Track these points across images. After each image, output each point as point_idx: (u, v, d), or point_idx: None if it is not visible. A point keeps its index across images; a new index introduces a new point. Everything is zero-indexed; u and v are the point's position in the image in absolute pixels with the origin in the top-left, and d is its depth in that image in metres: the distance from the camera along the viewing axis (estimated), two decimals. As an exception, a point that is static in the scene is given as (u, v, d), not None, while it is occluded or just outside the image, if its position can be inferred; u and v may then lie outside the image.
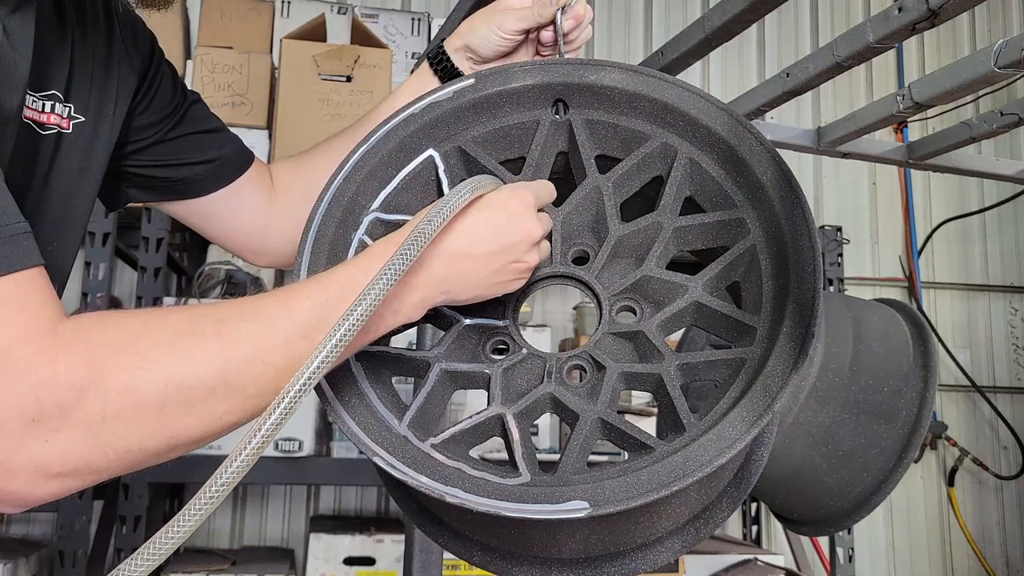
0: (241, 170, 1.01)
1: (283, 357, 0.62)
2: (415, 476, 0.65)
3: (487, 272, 0.72)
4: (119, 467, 0.59)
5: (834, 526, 1.35)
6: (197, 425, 0.60)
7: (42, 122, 0.77)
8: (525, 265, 0.74)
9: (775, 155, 0.75)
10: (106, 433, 0.56)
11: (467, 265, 0.71)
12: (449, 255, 0.70)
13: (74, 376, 0.55)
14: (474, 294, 0.73)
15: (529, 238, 0.73)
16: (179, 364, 0.59)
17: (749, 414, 0.65)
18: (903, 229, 3.45)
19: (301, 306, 0.64)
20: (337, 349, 0.59)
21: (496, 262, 0.72)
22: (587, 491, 0.63)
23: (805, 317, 0.67)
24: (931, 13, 0.91)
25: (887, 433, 1.25)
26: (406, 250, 0.64)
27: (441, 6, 3.11)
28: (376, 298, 0.61)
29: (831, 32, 3.47)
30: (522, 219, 0.73)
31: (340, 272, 0.67)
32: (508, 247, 0.72)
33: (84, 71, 0.83)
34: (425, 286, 0.70)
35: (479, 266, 0.72)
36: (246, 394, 0.61)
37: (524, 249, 0.73)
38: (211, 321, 0.62)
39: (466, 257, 0.71)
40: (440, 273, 0.70)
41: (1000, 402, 3.38)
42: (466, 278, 0.72)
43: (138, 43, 0.93)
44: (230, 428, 0.63)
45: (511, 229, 0.72)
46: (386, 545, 2.27)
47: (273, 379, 0.62)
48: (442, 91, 0.83)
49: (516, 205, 0.73)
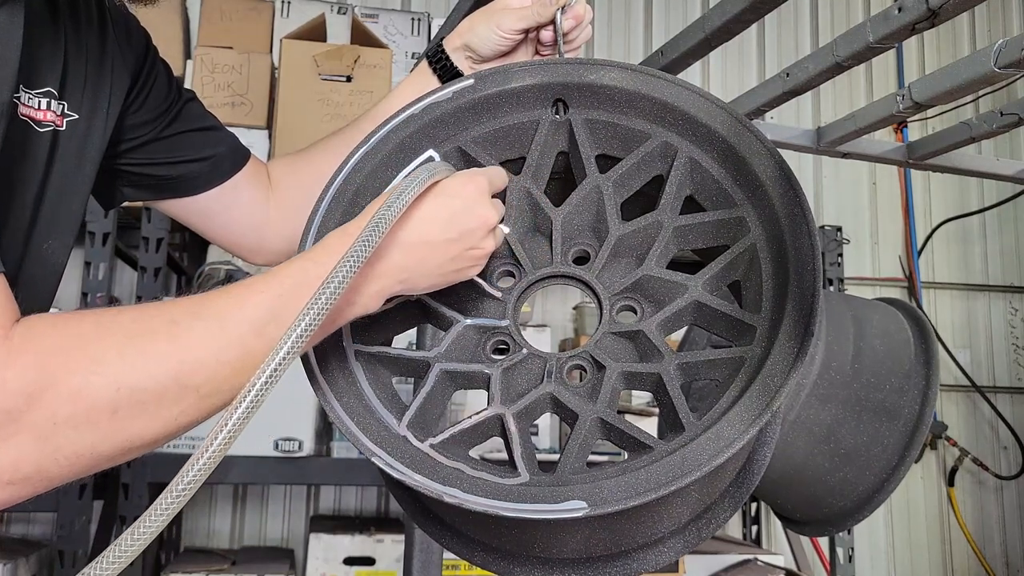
0: (236, 168, 1.01)
1: (237, 355, 0.61)
2: (413, 476, 0.65)
3: (444, 259, 0.71)
4: (71, 472, 0.58)
5: (837, 526, 1.35)
6: (151, 427, 0.59)
7: (38, 119, 0.77)
8: (482, 252, 0.73)
9: (775, 154, 0.75)
10: (57, 438, 0.56)
11: (424, 253, 0.70)
12: (406, 244, 0.69)
13: (23, 382, 0.54)
14: (431, 282, 0.73)
15: (485, 224, 0.72)
16: (131, 367, 0.58)
17: (748, 413, 0.65)
18: (903, 229, 3.45)
19: (253, 302, 0.63)
20: (298, 344, 0.58)
21: (453, 249, 0.71)
22: (585, 491, 0.63)
23: (805, 316, 0.67)
24: (931, 13, 0.91)
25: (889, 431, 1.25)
26: (364, 241, 0.63)
27: (441, 6, 3.11)
28: (335, 291, 0.60)
29: (831, 32, 3.47)
30: (478, 205, 0.72)
31: (294, 266, 0.66)
32: (465, 234, 0.71)
33: (78, 69, 0.83)
34: (382, 275, 0.69)
35: (436, 254, 0.71)
36: (200, 394, 0.60)
37: (480, 236, 0.73)
38: (163, 321, 0.61)
39: (423, 245, 0.70)
40: (398, 262, 0.69)
41: (1000, 402, 3.38)
42: (423, 266, 0.71)
43: (132, 41, 0.93)
44: (186, 428, 0.62)
45: (467, 216, 0.71)
46: (386, 545, 2.27)
47: (228, 377, 0.61)
48: (442, 91, 0.83)
49: (471, 191, 0.72)
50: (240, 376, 0.60)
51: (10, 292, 0.60)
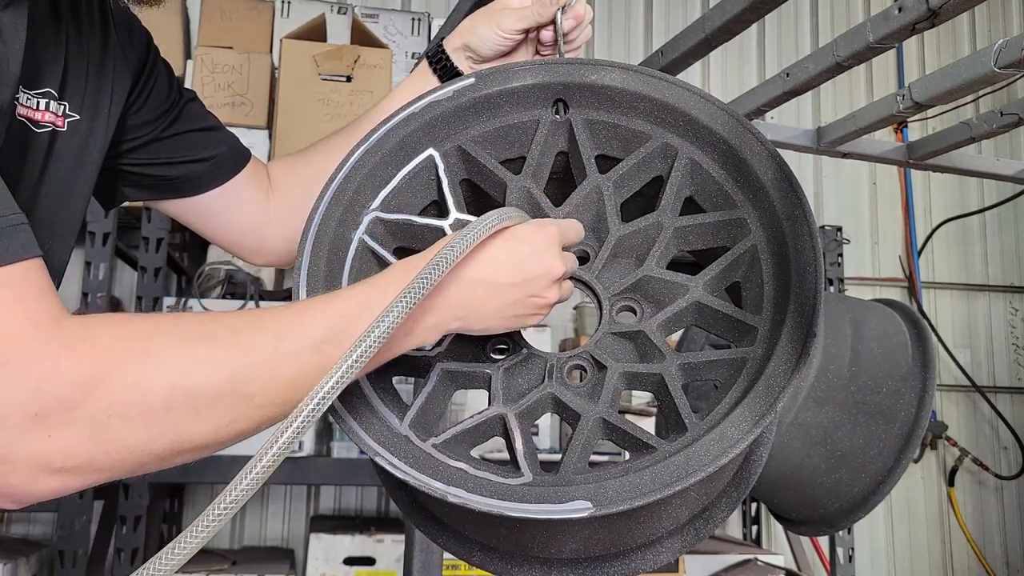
0: (237, 169, 1.01)
1: (294, 369, 0.62)
2: (417, 476, 0.65)
3: (504, 303, 0.71)
4: (122, 468, 0.58)
5: (832, 526, 1.35)
6: (203, 430, 0.60)
7: (36, 120, 0.77)
8: (544, 301, 0.72)
9: (775, 155, 0.75)
10: (111, 431, 0.56)
11: (485, 293, 0.70)
12: (468, 281, 0.69)
13: (79, 372, 0.55)
14: (488, 324, 0.72)
15: (550, 273, 0.71)
16: (189, 367, 0.58)
17: (751, 414, 0.65)
18: (903, 229, 3.45)
19: (315, 320, 0.63)
20: (353, 369, 0.59)
21: (515, 294, 0.71)
22: (589, 491, 0.63)
23: (806, 317, 0.67)
24: (931, 13, 0.91)
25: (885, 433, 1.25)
26: (428, 273, 0.63)
27: (441, 6, 3.11)
28: (396, 319, 0.61)
29: (831, 32, 3.47)
30: (545, 254, 0.71)
31: (358, 290, 0.67)
32: (528, 280, 0.71)
33: (79, 69, 0.83)
34: (441, 310, 0.68)
35: (497, 296, 0.70)
36: (254, 403, 0.61)
37: (544, 284, 0.71)
38: (224, 328, 0.61)
39: (485, 285, 0.70)
40: (457, 299, 0.69)
41: (1000, 402, 3.38)
42: (483, 307, 0.70)
43: (133, 41, 0.93)
44: (236, 437, 0.62)
45: (533, 262, 0.71)
46: (386, 545, 2.27)
47: (282, 391, 0.61)
48: (442, 90, 0.83)
49: (541, 240, 0.72)
50: (294, 391, 0.61)
51: (50, 280, 0.60)
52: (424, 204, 0.83)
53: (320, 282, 0.74)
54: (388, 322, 0.61)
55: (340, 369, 0.59)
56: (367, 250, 0.78)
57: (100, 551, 2.21)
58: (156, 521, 2.40)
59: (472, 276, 0.69)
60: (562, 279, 0.73)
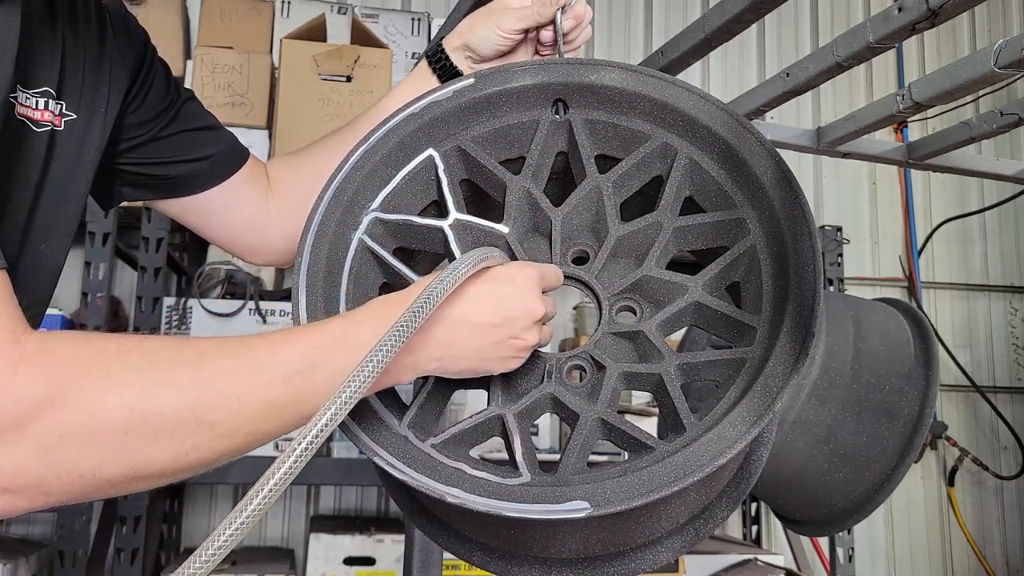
0: (235, 168, 1.01)
1: (261, 400, 0.60)
2: (415, 476, 0.65)
3: (485, 343, 0.70)
4: (71, 492, 0.57)
5: (836, 526, 1.35)
6: (160, 457, 0.57)
7: (36, 119, 0.77)
8: (524, 343, 0.71)
9: (775, 155, 0.75)
10: (62, 451, 0.54)
11: (466, 333, 0.69)
12: (449, 320, 0.68)
13: (33, 389, 0.53)
14: (468, 366, 0.71)
15: (531, 314, 0.71)
16: (150, 391, 0.56)
17: (750, 414, 0.65)
18: (903, 229, 3.45)
19: (289, 351, 0.62)
20: (341, 412, 0.58)
21: (495, 335, 0.70)
22: (588, 491, 0.63)
23: (805, 317, 0.67)
24: (931, 13, 0.91)
25: (889, 432, 1.25)
26: (414, 312, 0.62)
27: (441, 6, 3.11)
28: (382, 360, 0.60)
29: (831, 32, 3.47)
30: (527, 295, 0.71)
31: (334, 323, 0.66)
32: (510, 320, 0.70)
33: (75, 69, 0.83)
34: (422, 348, 0.67)
35: (477, 336, 0.69)
36: (214, 432, 0.59)
37: (524, 325, 0.71)
38: (191, 353, 0.59)
39: (466, 324, 0.69)
40: (438, 338, 0.68)
41: (1000, 402, 3.38)
42: (462, 346, 0.69)
43: (130, 40, 0.93)
44: (194, 467, 0.60)
45: (514, 302, 0.70)
46: (386, 545, 2.27)
47: (245, 421, 0.60)
48: (442, 91, 0.83)
49: (522, 280, 0.71)
50: (259, 422, 0.60)
51: (13, 295, 0.59)
52: (424, 204, 0.83)
53: (320, 282, 0.74)
54: (373, 364, 0.59)
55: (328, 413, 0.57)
56: (367, 250, 0.78)
57: (100, 551, 2.21)
58: (156, 521, 2.40)
59: (454, 315, 0.68)
60: (542, 321, 0.73)
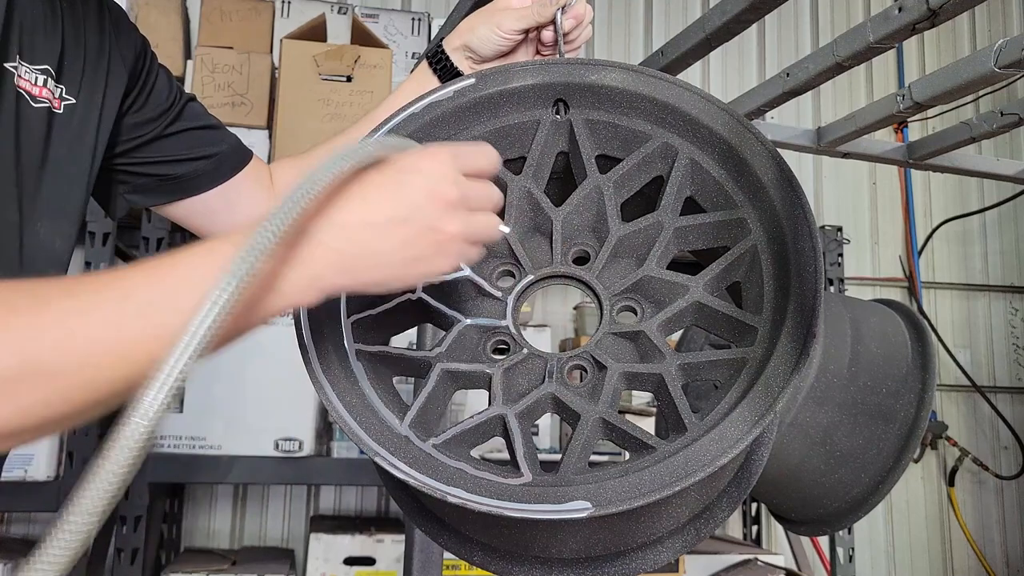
0: (239, 166, 1.01)
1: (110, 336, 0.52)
2: (417, 476, 0.65)
3: (395, 245, 0.61)
4: None
5: (832, 526, 1.35)
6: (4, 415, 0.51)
7: (34, 95, 0.78)
8: (445, 235, 0.62)
9: (776, 155, 0.75)
10: None
11: (367, 236, 0.60)
12: (342, 225, 0.59)
13: None
14: (386, 275, 0.62)
15: (439, 198, 0.61)
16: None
17: (751, 414, 0.65)
18: (903, 229, 3.45)
19: (142, 280, 0.55)
20: (202, 342, 0.50)
21: (403, 231, 0.61)
22: (589, 491, 0.63)
23: (806, 317, 0.67)
24: (931, 13, 0.91)
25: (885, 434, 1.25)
26: (275, 219, 0.53)
27: (441, 6, 3.11)
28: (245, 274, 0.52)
29: (831, 32, 3.47)
30: (432, 179, 0.62)
31: (195, 245, 0.58)
32: (416, 211, 0.61)
33: (75, 56, 0.83)
34: (314, 261, 0.58)
35: (383, 237, 0.60)
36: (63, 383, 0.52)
37: (436, 214, 0.61)
38: (28, 297, 0.52)
39: (365, 227, 0.60)
40: (333, 246, 0.59)
41: (1000, 402, 3.38)
42: (369, 252, 0.60)
43: (129, 40, 0.94)
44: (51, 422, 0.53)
45: (415, 190, 0.61)
46: (386, 545, 2.27)
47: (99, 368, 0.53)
48: (443, 90, 0.83)
49: (427, 163, 0.62)
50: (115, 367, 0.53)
51: None
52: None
53: (320, 282, 0.74)
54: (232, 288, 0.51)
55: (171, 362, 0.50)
56: (367, 250, 0.78)
57: (100, 551, 2.21)
58: (156, 521, 2.40)
59: (346, 218, 0.60)
60: (463, 207, 0.63)
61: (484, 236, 0.66)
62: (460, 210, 0.63)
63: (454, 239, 0.63)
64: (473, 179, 0.65)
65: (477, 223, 0.65)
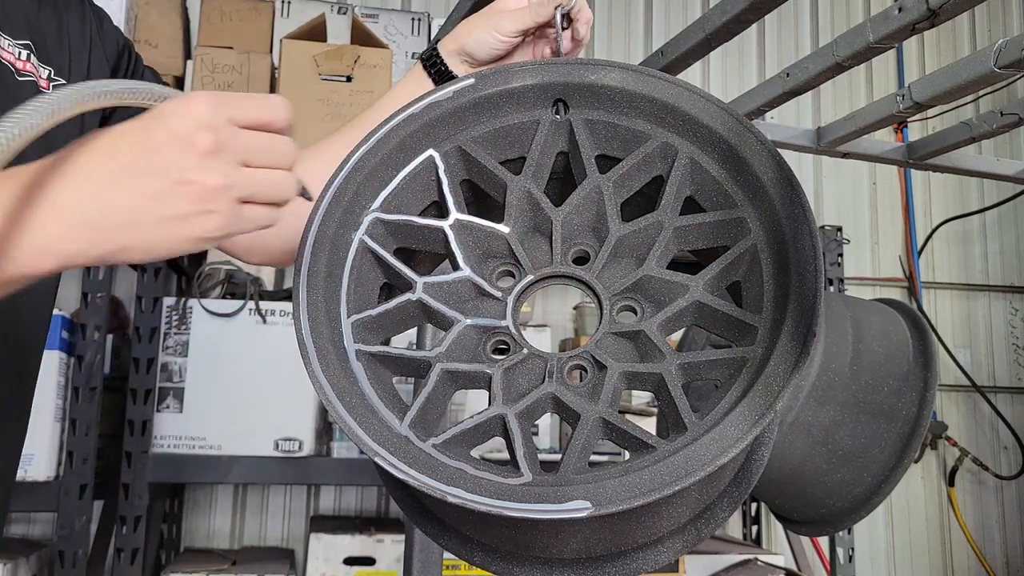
0: None
1: None
2: (417, 476, 0.65)
3: (141, 200, 0.53)
4: None
5: (834, 526, 1.35)
6: None
7: (17, 67, 0.78)
8: (203, 189, 0.54)
9: (775, 154, 0.75)
10: None
11: (105, 189, 0.53)
12: (74, 176, 0.52)
13: None
14: (138, 238, 0.54)
15: (190, 146, 0.54)
16: None
17: (751, 413, 0.65)
18: (903, 229, 3.45)
19: None
20: None
21: (148, 183, 0.53)
22: (589, 491, 0.63)
23: (806, 316, 0.67)
24: (931, 13, 0.91)
25: (887, 433, 1.25)
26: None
27: (441, 6, 3.11)
28: None
29: (831, 32, 3.47)
30: (182, 123, 0.54)
31: None
32: (160, 160, 0.53)
33: (59, 39, 0.84)
34: (47, 223, 0.51)
35: (123, 190, 0.53)
36: None
37: (188, 164, 0.53)
38: None
39: (102, 178, 0.53)
40: (68, 204, 0.52)
41: (1000, 402, 3.38)
42: (110, 209, 0.53)
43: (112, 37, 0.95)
44: None
45: (160, 136, 0.54)
46: (386, 545, 2.27)
47: None
48: (442, 91, 0.83)
49: (181, 108, 0.55)
50: None
51: None
52: (425, 205, 0.84)
53: (320, 283, 0.74)
54: None
55: None
56: (367, 251, 0.78)
57: (100, 551, 2.21)
58: (156, 521, 2.40)
59: (80, 169, 0.52)
60: (228, 158, 0.56)
61: (270, 195, 0.59)
62: (221, 161, 0.56)
63: (218, 194, 0.55)
64: (254, 131, 0.59)
65: (255, 179, 0.58)
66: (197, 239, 0.56)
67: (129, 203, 0.53)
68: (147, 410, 2.04)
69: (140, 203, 0.53)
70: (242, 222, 0.58)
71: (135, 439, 2.03)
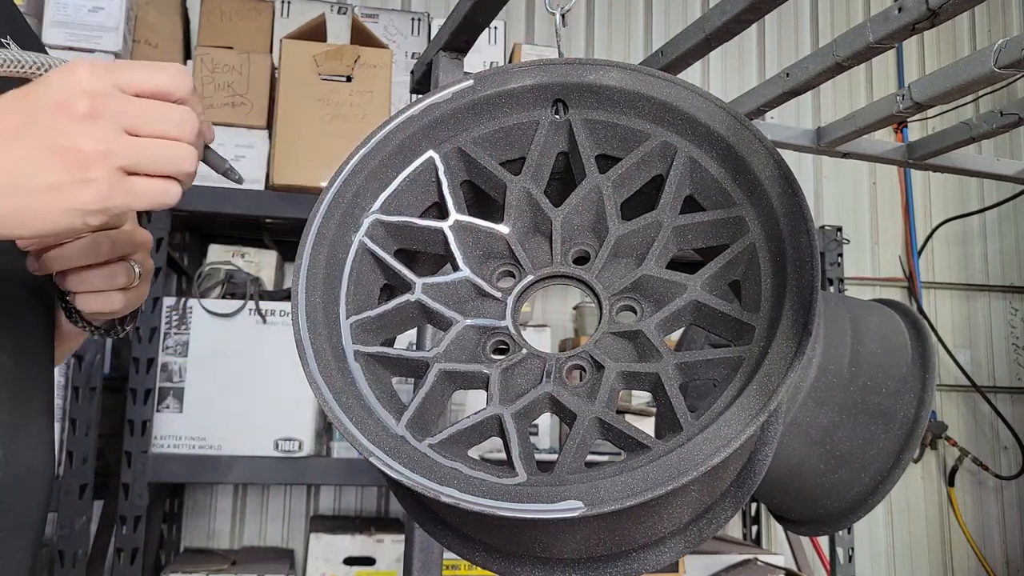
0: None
1: None
2: (411, 476, 0.65)
3: (15, 167, 0.51)
4: None
5: (831, 526, 1.35)
6: None
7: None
8: (79, 156, 0.52)
9: (774, 153, 0.75)
10: None
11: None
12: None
13: None
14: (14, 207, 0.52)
15: (66, 110, 0.51)
16: None
17: (746, 412, 0.65)
18: (903, 229, 3.45)
19: None
20: None
21: (21, 149, 0.51)
22: (582, 491, 0.63)
23: (803, 315, 0.67)
24: (931, 13, 0.91)
25: (885, 434, 1.25)
26: None
27: (441, 6, 3.11)
28: None
29: (831, 32, 3.47)
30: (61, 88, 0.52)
31: None
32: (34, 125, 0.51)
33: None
34: None
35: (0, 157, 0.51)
36: None
37: (63, 129, 0.51)
38: None
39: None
40: None
41: (1000, 402, 3.38)
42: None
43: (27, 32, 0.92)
44: None
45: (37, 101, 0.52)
46: (386, 545, 2.28)
47: None
48: (441, 93, 0.83)
49: (61, 74, 0.53)
50: None
51: None
52: (425, 206, 0.84)
53: (319, 284, 0.74)
54: None
55: None
56: (367, 252, 0.79)
57: (100, 551, 2.21)
58: (156, 521, 2.40)
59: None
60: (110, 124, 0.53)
61: (160, 166, 0.56)
62: (99, 126, 0.53)
63: (95, 161, 0.53)
64: (144, 99, 0.55)
65: (140, 147, 0.54)
66: (75, 210, 0.53)
67: (13, 173, 0.51)
68: (147, 410, 2.05)
69: (15, 170, 0.51)
70: (128, 196, 0.54)
71: (135, 439, 2.03)
